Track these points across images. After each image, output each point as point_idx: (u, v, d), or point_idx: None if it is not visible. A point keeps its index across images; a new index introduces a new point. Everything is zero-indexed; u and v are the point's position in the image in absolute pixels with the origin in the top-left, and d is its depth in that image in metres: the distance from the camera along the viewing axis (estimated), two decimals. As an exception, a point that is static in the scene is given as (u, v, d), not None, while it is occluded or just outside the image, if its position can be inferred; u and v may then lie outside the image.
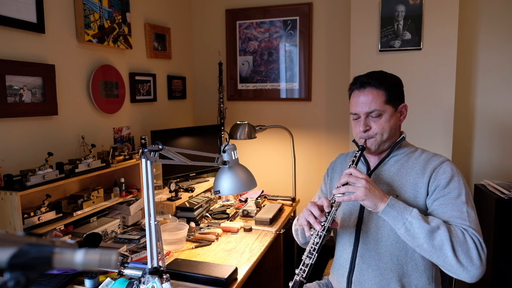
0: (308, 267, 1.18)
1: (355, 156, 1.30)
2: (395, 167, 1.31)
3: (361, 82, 1.29)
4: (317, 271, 1.35)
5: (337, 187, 1.23)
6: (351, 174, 1.21)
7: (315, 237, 1.20)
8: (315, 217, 1.21)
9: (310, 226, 1.22)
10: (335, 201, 1.21)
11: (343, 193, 1.19)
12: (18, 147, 1.62)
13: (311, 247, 1.20)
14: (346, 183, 1.20)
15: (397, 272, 1.23)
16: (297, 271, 1.20)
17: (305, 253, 1.21)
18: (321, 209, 1.23)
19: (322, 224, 1.20)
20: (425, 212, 1.20)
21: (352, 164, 1.27)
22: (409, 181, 1.25)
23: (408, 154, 1.32)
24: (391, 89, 1.28)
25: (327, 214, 1.21)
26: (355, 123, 1.33)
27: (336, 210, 1.22)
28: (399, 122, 1.34)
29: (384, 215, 1.15)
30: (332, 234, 1.44)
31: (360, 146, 1.30)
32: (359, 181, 1.17)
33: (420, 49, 2.31)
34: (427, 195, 1.22)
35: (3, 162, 1.54)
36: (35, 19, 1.66)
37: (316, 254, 1.18)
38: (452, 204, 1.16)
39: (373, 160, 1.37)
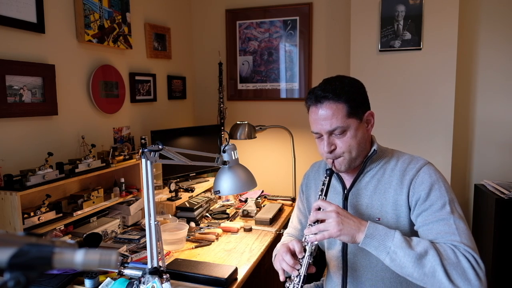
0: None
1: (323, 184, 1.17)
2: (372, 184, 1.20)
3: (316, 97, 1.14)
4: (317, 271, 1.34)
5: (308, 225, 1.11)
6: (319, 209, 1.10)
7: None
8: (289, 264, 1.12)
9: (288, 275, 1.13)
10: (308, 242, 1.10)
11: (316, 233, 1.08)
12: (18, 147, 1.62)
13: None
14: (317, 220, 1.09)
15: None
16: None
17: None
18: (294, 254, 1.12)
19: (298, 272, 1.10)
20: (411, 230, 1.13)
21: (322, 195, 1.15)
22: (389, 200, 1.15)
23: (383, 165, 1.20)
24: (352, 99, 1.13)
25: (301, 260, 1.11)
26: (318, 142, 1.19)
27: (311, 254, 1.11)
28: (368, 132, 1.20)
29: (365, 247, 1.04)
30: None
31: (328, 171, 1.17)
32: (329, 216, 1.05)
33: (420, 49, 2.31)
34: (410, 210, 1.13)
35: (3, 162, 1.54)
36: (35, 19, 1.66)
37: None
38: (437, 218, 1.06)
39: (347, 178, 1.25)
